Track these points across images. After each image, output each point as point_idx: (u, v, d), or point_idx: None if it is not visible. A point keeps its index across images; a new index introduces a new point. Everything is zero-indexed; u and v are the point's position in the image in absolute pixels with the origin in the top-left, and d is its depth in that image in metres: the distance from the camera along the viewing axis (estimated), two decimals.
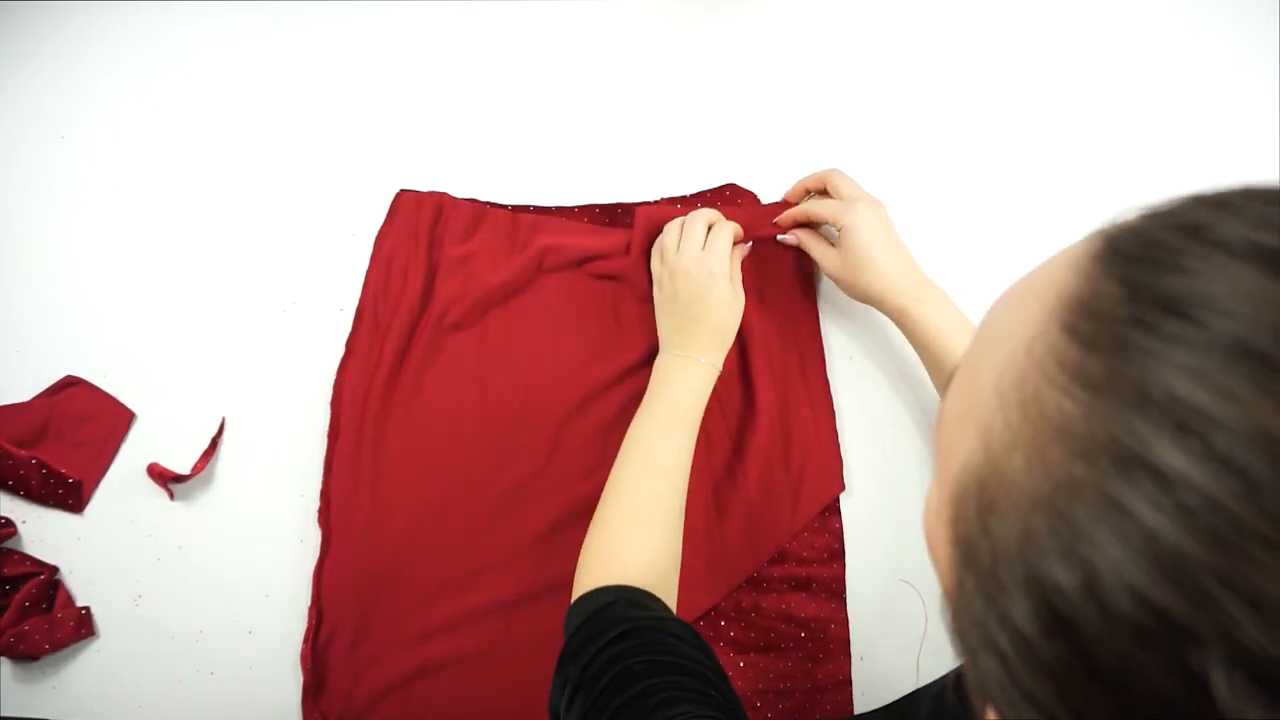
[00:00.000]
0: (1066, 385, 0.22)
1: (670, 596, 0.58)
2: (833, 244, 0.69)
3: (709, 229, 0.68)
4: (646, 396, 0.66)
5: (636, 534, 0.58)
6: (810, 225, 0.72)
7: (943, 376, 0.65)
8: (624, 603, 0.53)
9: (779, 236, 0.72)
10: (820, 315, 0.76)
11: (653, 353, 0.71)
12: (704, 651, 0.50)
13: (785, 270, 0.76)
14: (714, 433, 0.71)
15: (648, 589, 0.55)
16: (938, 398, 0.70)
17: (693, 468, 0.64)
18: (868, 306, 0.70)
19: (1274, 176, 0.83)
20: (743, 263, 0.71)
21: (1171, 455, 0.20)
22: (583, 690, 0.48)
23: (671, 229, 0.70)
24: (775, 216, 0.72)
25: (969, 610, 0.25)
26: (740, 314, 0.68)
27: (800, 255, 0.74)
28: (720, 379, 0.67)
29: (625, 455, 0.63)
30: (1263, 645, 0.18)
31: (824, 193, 0.72)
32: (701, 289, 0.66)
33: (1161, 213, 0.24)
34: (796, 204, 0.74)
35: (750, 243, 0.72)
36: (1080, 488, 0.21)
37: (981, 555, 0.24)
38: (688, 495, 0.63)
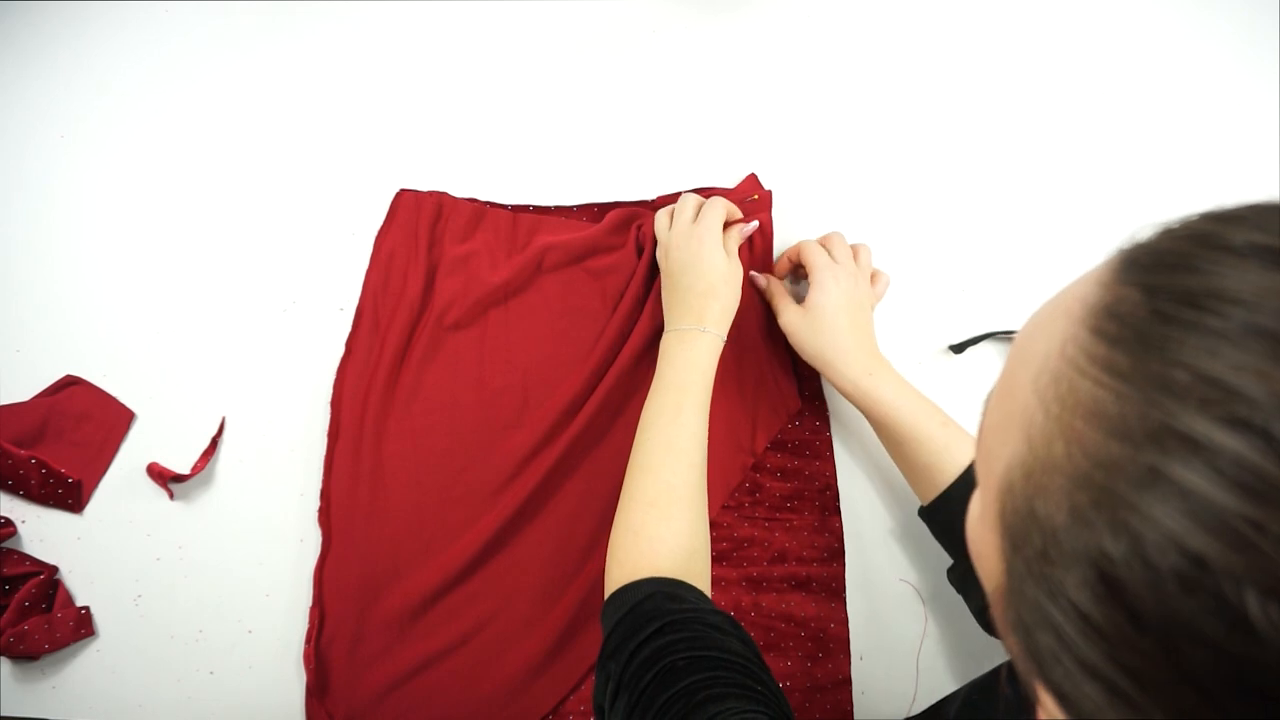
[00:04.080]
0: (1097, 375, 0.25)
1: (704, 579, 0.58)
2: (797, 302, 0.70)
3: (699, 208, 0.70)
4: (655, 378, 0.66)
5: (662, 521, 0.58)
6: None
7: (896, 445, 0.65)
8: (661, 595, 0.53)
9: (751, 273, 0.73)
10: None
11: (653, 352, 0.71)
12: (745, 642, 0.50)
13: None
14: None
15: (680, 576, 0.55)
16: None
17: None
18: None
19: (1274, 179, 0.83)
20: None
21: (1200, 425, 0.22)
22: (626, 688, 0.48)
23: (662, 213, 0.72)
24: (746, 193, 0.75)
25: (1020, 594, 0.27)
26: (738, 283, 0.68)
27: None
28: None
29: (640, 441, 0.63)
30: None
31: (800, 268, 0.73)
32: (693, 255, 0.67)
33: (1173, 228, 0.26)
34: (749, 191, 0.76)
35: (756, 222, 0.72)
36: (1118, 463, 0.23)
37: (1032, 538, 0.26)
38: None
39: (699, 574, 0.57)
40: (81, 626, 0.65)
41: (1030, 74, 0.86)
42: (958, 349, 0.75)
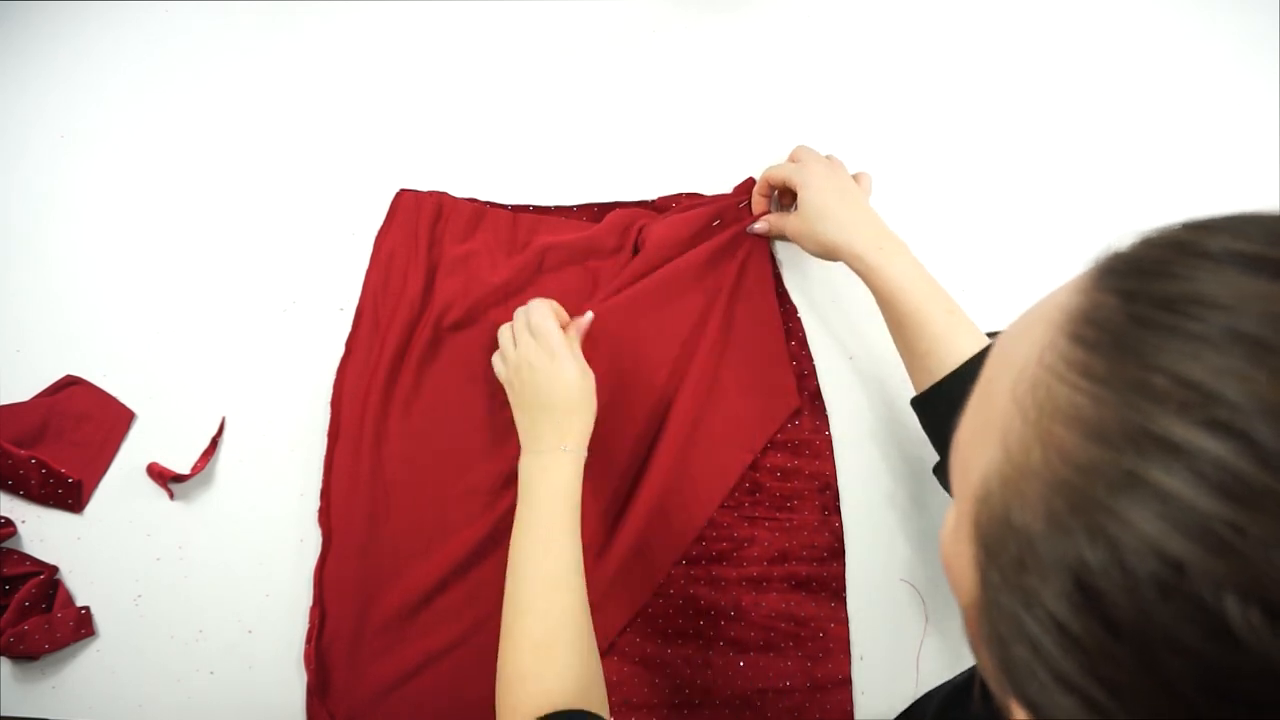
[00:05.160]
0: (1075, 381, 0.24)
1: (598, 698, 0.56)
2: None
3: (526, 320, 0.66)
4: (519, 505, 0.62)
5: (549, 661, 0.56)
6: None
7: (899, 328, 0.65)
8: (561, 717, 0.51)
9: (749, 228, 0.75)
10: (818, 314, 0.76)
11: (654, 351, 0.71)
12: None
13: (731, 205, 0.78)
14: (674, 369, 0.73)
15: (575, 706, 0.53)
16: None
17: (657, 393, 0.69)
18: (866, 306, 0.70)
19: (1273, 180, 0.83)
20: (686, 230, 0.74)
21: (1179, 428, 0.21)
22: None
23: (503, 333, 0.67)
24: (741, 198, 0.77)
25: (996, 606, 0.26)
26: (593, 390, 0.64)
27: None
28: (667, 314, 0.70)
29: (515, 578, 0.60)
30: (1274, 579, 0.20)
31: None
32: (545, 374, 0.63)
33: (1151, 237, 0.26)
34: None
35: (589, 314, 0.69)
36: (1096, 467, 0.23)
37: (1008, 547, 0.25)
38: (668, 410, 0.68)
39: (596, 703, 0.55)
40: (81, 626, 0.65)
41: (1030, 75, 0.86)
42: None
